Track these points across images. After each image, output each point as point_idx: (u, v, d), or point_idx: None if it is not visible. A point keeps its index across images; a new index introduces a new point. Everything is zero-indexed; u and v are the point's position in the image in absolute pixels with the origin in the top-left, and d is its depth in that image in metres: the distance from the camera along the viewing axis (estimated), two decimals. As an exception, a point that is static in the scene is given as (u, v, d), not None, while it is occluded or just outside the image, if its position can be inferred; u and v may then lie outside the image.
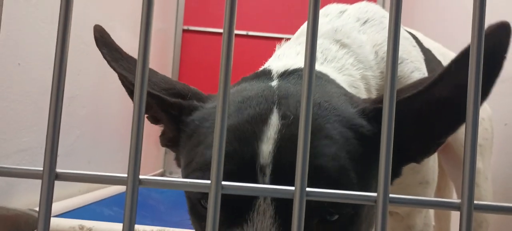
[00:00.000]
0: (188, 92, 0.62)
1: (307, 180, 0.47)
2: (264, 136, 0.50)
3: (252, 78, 0.65)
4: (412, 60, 0.81)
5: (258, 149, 0.49)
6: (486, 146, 1.21)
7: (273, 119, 0.51)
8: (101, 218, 1.35)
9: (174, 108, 0.61)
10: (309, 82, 0.27)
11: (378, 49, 0.78)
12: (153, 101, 0.62)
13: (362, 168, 0.52)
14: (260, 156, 0.49)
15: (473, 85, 0.27)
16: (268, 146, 0.49)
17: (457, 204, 0.27)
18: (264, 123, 0.51)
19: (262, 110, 0.53)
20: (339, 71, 0.72)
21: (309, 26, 0.27)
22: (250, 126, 0.51)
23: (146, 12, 0.27)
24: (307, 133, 0.26)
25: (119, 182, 0.27)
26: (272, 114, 0.52)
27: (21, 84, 1.25)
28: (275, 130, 0.50)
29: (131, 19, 2.10)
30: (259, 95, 0.56)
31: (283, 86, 0.58)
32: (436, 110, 0.53)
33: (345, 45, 0.76)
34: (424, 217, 0.92)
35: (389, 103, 0.27)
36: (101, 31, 0.68)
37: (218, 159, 0.26)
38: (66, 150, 1.51)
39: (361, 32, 0.79)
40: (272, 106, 0.53)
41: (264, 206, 0.48)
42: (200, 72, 3.12)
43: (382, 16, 0.84)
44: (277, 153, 0.49)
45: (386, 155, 0.26)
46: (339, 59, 0.73)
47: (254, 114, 0.52)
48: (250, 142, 0.50)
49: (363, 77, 0.74)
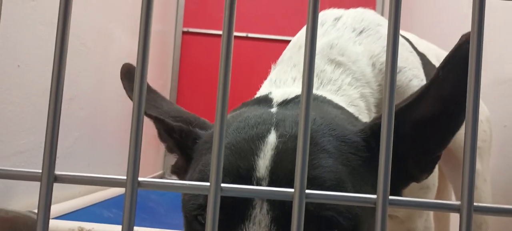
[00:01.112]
0: (194, 120, 0.65)
1: None
2: (260, 152, 0.51)
3: (253, 104, 0.66)
4: (410, 68, 0.81)
5: (254, 163, 0.50)
6: (484, 147, 1.21)
7: (271, 138, 0.52)
8: (101, 220, 1.34)
9: (175, 132, 0.64)
10: (309, 84, 0.27)
11: (375, 61, 0.78)
12: (159, 125, 0.65)
13: (359, 181, 0.52)
14: (256, 170, 0.49)
15: (473, 87, 0.27)
16: (265, 161, 0.50)
17: (456, 206, 0.27)
18: (262, 141, 0.52)
19: (260, 130, 0.54)
20: (335, 93, 0.72)
21: (308, 27, 0.27)
22: (247, 143, 0.52)
23: (145, 14, 0.27)
24: (306, 134, 0.26)
25: (118, 184, 0.27)
26: (269, 134, 0.53)
27: (20, 86, 1.24)
28: (272, 146, 0.51)
29: (130, 21, 2.10)
30: (257, 117, 0.57)
31: (281, 112, 0.59)
32: (425, 126, 0.54)
33: (340, 64, 0.76)
34: (424, 221, 0.92)
35: (389, 104, 0.27)
36: (127, 68, 0.71)
37: (217, 160, 0.26)
38: (65, 152, 1.51)
39: (357, 43, 0.79)
40: (270, 128, 0.54)
41: (260, 217, 0.48)
42: (199, 74, 3.12)
43: (378, 25, 0.84)
44: (274, 167, 0.49)
45: (386, 156, 0.26)
46: (335, 80, 0.74)
47: (252, 134, 0.53)
48: (247, 157, 0.51)
49: (362, 96, 0.74)
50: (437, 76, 0.49)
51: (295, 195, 0.26)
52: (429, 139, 0.55)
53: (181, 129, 0.63)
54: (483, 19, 0.27)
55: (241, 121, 0.56)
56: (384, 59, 0.78)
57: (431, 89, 0.50)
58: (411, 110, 0.52)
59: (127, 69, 0.70)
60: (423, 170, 0.58)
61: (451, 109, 0.51)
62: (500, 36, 1.51)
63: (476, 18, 0.27)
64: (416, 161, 0.57)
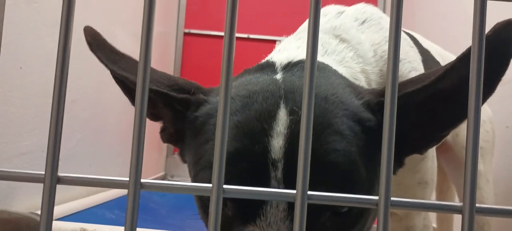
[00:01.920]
0: (191, 87, 0.62)
1: (319, 176, 0.47)
2: (273, 132, 0.50)
3: (256, 71, 0.64)
4: (410, 61, 0.81)
5: (268, 144, 0.49)
6: (487, 148, 1.20)
7: (281, 115, 0.51)
8: (103, 221, 1.35)
9: (181, 104, 0.61)
10: (310, 86, 0.27)
11: (377, 48, 0.78)
12: (159, 99, 0.61)
13: (369, 162, 0.52)
14: (271, 152, 0.49)
15: (474, 87, 0.27)
16: (279, 141, 0.49)
17: (459, 207, 0.27)
18: (273, 119, 0.51)
19: (269, 105, 0.53)
20: (339, 63, 0.72)
21: (310, 27, 0.27)
22: (259, 122, 0.51)
23: (148, 16, 0.27)
24: (308, 137, 0.26)
25: (120, 186, 0.27)
26: (279, 109, 0.52)
27: (23, 88, 1.25)
28: (284, 125, 0.50)
29: (132, 23, 2.10)
30: (264, 89, 0.56)
31: (288, 79, 0.58)
32: (441, 104, 0.53)
33: (344, 40, 0.76)
34: (423, 219, 0.92)
35: (391, 105, 0.27)
36: (92, 34, 0.64)
37: (219, 163, 0.26)
38: (67, 153, 1.51)
39: (360, 31, 0.80)
40: (279, 101, 0.53)
41: (275, 211, 0.48)
42: (201, 75, 3.12)
43: (379, 17, 0.84)
44: (288, 147, 0.49)
45: (387, 158, 0.26)
46: (339, 52, 0.74)
47: (262, 110, 0.52)
48: (260, 138, 0.50)
49: (363, 71, 0.74)
50: (466, 55, 0.47)
51: (297, 196, 0.26)
52: (441, 115, 0.54)
53: (187, 100, 0.60)
54: (484, 19, 0.27)
55: (248, 95, 0.55)
56: (385, 48, 0.78)
57: (451, 70, 0.49)
58: (435, 85, 0.51)
59: (92, 35, 0.63)
60: (428, 143, 0.58)
61: (466, 91, 0.51)
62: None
63: (477, 18, 0.27)
64: (424, 133, 0.56)
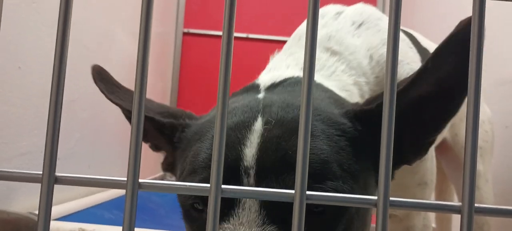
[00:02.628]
0: (181, 114, 0.66)
1: (289, 175, 0.47)
2: (247, 141, 0.51)
3: (242, 92, 0.67)
4: (408, 62, 0.81)
5: (241, 152, 0.51)
6: (486, 148, 1.20)
7: (257, 125, 0.53)
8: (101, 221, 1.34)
9: (167, 128, 0.64)
10: (308, 86, 0.26)
11: (373, 53, 0.78)
12: (149, 124, 0.65)
13: (346, 161, 0.52)
14: (243, 160, 0.50)
15: (473, 87, 0.27)
16: (251, 150, 0.51)
17: (458, 207, 0.27)
18: (248, 129, 0.53)
19: (246, 118, 0.55)
20: (328, 77, 0.73)
21: (309, 27, 0.27)
22: (234, 133, 0.53)
23: (145, 16, 0.27)
24: (306, 137, 0.26)
25: (118, 186, 0.27)
26: (256, 121, 0.54)
27: (22, 88, 1.25)
28: (258, 134, 0.52)
29: (131, 22, 2.10)
30: (245, 105, 0.58)
31: (268, 97, 0.60)
32: (422, 108, 0.54)
33: (336, 53, 0.76)
34: (423, 219, 0.92)
35: (389, 107, 0.27)
36: (99, 70, 0.71)
37: (217, 162, 0.26)
38: (66, 153, 1.51)
39: (356, 36, 0.80)
40: (257, 115, 0.55)
41: (250, 203, 0.49)
42: (200, 75, 3.12)
43: (377, 19, 0.84)
44: (260, 155, 0.50)
45: (386, 158, 0.26)
46: (329, 67, 0.74)
47: (239, 122, 0.54)
48: (234, 147, 0.51)
49: (355, 83, 0.74)
50: (435, 58, 0.48)
51: (295, 196, 0.26)
52: (425, 121, 0.55)
53: (173, 124, 0.63)
54: (483, 20, 0.27)
55: (229, 111, 0.57)
56: (382, 51, 0.78)
57: (429, 71, 0.50)
58: (408, 91, 0.52)
59: (98, 71, 0.71)
60: (416, 153, 0.58)
61: (448, 92, 0.51)
62: (502, 37, 1.51)
63: (476, 18, 0.27)
64: (411, 143, 0.57)
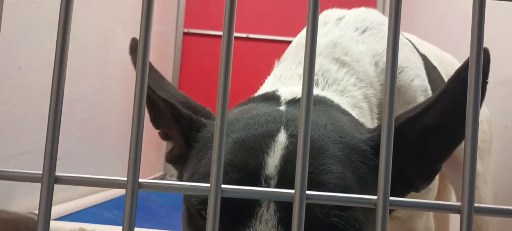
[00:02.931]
0: (201, 110, 0.64)
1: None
2: (270, 150, 0.50)
3: (261, 100, 0.66)
4: (412, 68, 0.81)
5: (263, 160, 0.49)
6: (484, 148, 1.20)
7: (281, 137, 0.52)
8: (102, 221, 1.34)
9: (185, 119, 0.62)
10: (308, 86, 0.27)
11: (378, 60, 0.78)
12: (167, 109, 0.63)
13: (366, 189, 0.52)
14: (265, 168, 0.49)
15: (473, 88, 0.27)
16: (274, 160, 0.49)
17: (457, 207, 0.27)
18: (272, 139, 0.52)
19: (270, 128, 0.53)
20: (341, 94, 0.72)
21: (309, 27, 0.27)
22: (257, 140, 0.52)
23: (146, 15, 0.27)
24: (306, 135, 0.26)
25: (118, 186, 0.27)
26: (279, 132, 0.53)
27: (22, 87, 1.25)
28: (282, 146, 0.51)
29: (131, 22, 2.10)
30: (267, 114, 0.57)
31: (290, 111, 0.59)
32: (428, 137, 0.54)
33: (344, 63, 0.76)
34: (425, 221, 0.92)
35: (389, 106, 0.27)
36: (137, 42, 0.69)
37: (218, 161, 0.26)
38: (66, 153, 1.51)
39: (360, 42, 0.79)
40: (280, 126, 0.54)
41: (267, 216, 0.47)
42: (200, 74, 3.12)
43: (380, 24, 0.84)
44: (283, 166, 0.49)
45: (386, 158, 0.26)
46: (340, 80, 0.74)
47: (262, 131, 0.53)
48: (256, 154, 0.50)
49: (365, 97, 0.74)
50: (447, 89, 0.49)
51: (295, 195, 0.26)
52: (430, 150, 0.55)
53: (191, 117, 0.61)
54: (483, 20, 0.27)
55: (251, 117, 0.56)
56: None
57: (439, 102, 0.50)
58: (416, 120, 0.53)
59: (136, 43, 0.69)
60: (423, 180, 0.58)
61: (452, 124, 0.51)
62: (501, 37, 1.51)
63: (476, 18, 0.27)
64: (417, 171, 0.57)
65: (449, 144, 0.54)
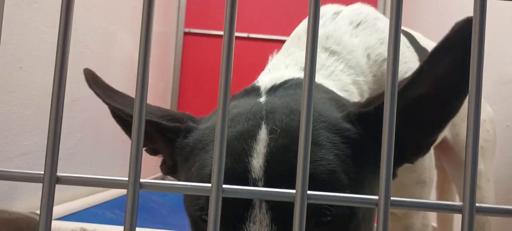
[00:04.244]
0: (183, 117, 0.64)
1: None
2: (253, 151, 0.51)
3: (242, 96, 0.66)
4: (406, 61, 0.82)
5: (249, 164, 0.50)
6: (487, 147, 1.20)
7: (262, 134, 0.53)
8: (103, 221, 1.35)
9: (172, 133, 0.62)
10: (309, 85, 0.27)
11: (371, 52, 0.78)
12: (152, 129, 0.64)
13: (352, 169, 0.52)
14: (251, 171, 0.50)
15: (475, 87, 0.27)
16: (259, 161, 0.50)
17: (459, 207, 0.27)
18: (253, 139, 0.52)
19: (250, 126, 0.54)
20: (328, 77, 0.73)
21: (309, 28, 0.27)
22: (239, 142, 0.52)
23: (147, 15, 0.27)
24: (307, 135, 0.26)
25: (119, 186, 0.27)
26: (260, 130, 0.53)
27: (23, 88, 1.25)
28: (264, 144, 0.51)
29: (132, 22, 2.10)
30: (247, 111, 0.57)
31: (270, 101, 0.59)
32: (421, 108, 0.54)
33: (334, 52, 0.76)
34: (422, 218, 0.92)
35: (390, 106, 0.27)
36: (91, 73, 0.71)
37: (219, 161, 0.26)
38: (67, 153, 1.51)
39: (354, 36, 0.80)
40: (260, 122, 0.54)
41: (260, 216, 0.48)
42: (201, 74, 3.12)
43: (375, 18, 0.84)
44: (268, 166, 0.50)
45: (387, 158, 0.26)
46: (328, 66, 0.74)
47: (243, 131, 0.53)
48: (241, 159, 0.51)
49: (354, 82, 0.74)
50: (430, 59, 0.48)
51: (296, 196, 0.26)
52: (425, 121, 0.55)
53: (177, 128, 0.62)
54: (484, 20, 0.27)
55: (232, 119, 0.56)
56: (379, 50, 0.78)
57: (425, 72, 0.49)
58: (406, 92, 0.52)
59: (90, 75, 0.70)
60: (417, 151, 0.58)
61: (445, 94, 0.51)
62: (503, 36, 1.50)
63: (477, 18, 0.27)
64: (411, 142, 0.56)
65: (444, 115, 0.53)
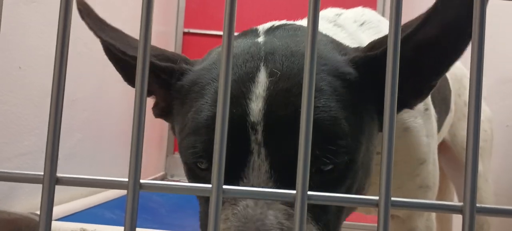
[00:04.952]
0: (177, 57, 0.63)
1: (299, 134, 0.47)
2: (252, 95, 0.50)
3: (239, 37, 0.64)
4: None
5: (247, 108, 0.49)
6: (485, 148, 1.20)
7: (261, 77, 0.51)
8: (103, 221, 1.35)
9: (165, 73, 0.61)
10: (309, 86, 0.26)
11: None
12: None
13: (352, 115, 0.52)
14: (250, 115, 0.49)
15: (474, 87, 0.27)
16: (258, 104, 0.49)
17: (459, 207, 0.27)
18: (252, 81, 0.51)
19: (249, 68, 0.53)
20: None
21: (309, 27, 0.27)
22: (238, 85, 0.51)
23: (146, 15, 0.27)
24: (307, 139, 0.26)
25: (119, 187, 0.27)
26: (259, 72, 0.52)
27: (22, 88, 1.25)
28: (263, 87, 0.50)
29: (131, 22, 2.10)
30: (245, 52, 0.55)
31: (269, 41, 0.58)
32: (425, 52, 0.53)
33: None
34: (425, 220, 0.91)
35: (390, 105, 0.27)
36: (83, 4, 0.67)
37: (218, 162, 0.26)
38: (67, 153, 1.51)
39: (360, 31, 0.79)
40: (259, 64, 0.53)
41: (259, 162, 0.48)
42: (201, 75, 3.12)
43: (378, 20, 0.84)
44: (268, 109, 0.49)
45: (387, 158, 0.26)
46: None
47: (241, 73, 0.52)
48: (239, 102, 0.50)
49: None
50: (441, 2, 0.48)
51: (297, 196, 0.26)
52: (427, 65, 0.54)
53: (171, 68, 0.61)
54: (484, 19, 0.27)
55: None
56: None
57: (433, 15, 0.49)
58: (413, 36, 0.52)
59: (83, 5, 0.67)
60: (417, 96, 0.58)
61: (451, 37, 0.51)
62: (503, 36, 1.50)
63: (477, 17, 0.27)
64: (412, 88, 0.56)
65: (448, 58, 0.53)
